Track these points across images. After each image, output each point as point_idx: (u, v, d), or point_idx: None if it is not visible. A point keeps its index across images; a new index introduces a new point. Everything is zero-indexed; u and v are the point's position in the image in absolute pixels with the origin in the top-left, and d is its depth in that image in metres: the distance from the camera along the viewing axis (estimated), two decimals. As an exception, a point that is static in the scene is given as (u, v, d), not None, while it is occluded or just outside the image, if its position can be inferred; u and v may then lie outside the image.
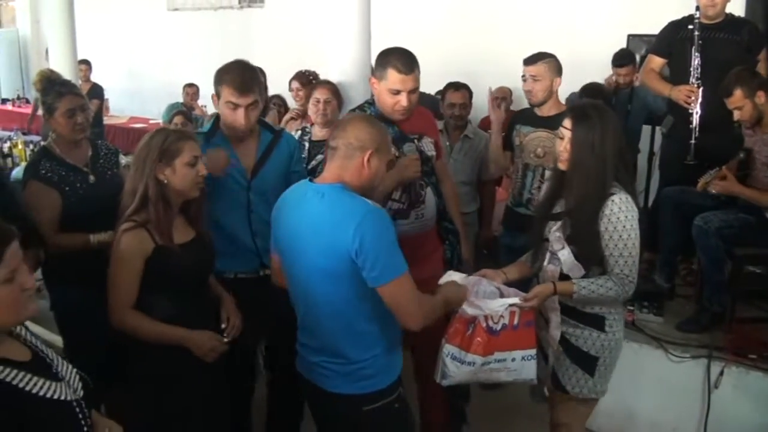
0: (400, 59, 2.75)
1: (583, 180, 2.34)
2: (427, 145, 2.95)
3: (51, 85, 2.91)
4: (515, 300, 2.39)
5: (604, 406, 2.77)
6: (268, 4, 8.81)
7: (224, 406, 2.57)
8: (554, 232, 2.43)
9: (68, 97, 2.86)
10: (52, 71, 3.05)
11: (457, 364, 2.42)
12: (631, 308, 3.55)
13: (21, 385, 1.48)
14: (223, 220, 2.81)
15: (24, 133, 6.58)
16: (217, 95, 2.77)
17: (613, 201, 2.31)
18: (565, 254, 2.40)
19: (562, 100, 4.59)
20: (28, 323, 1.66)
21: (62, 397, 1.56)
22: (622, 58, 5.18)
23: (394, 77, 2.74)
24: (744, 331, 3.32)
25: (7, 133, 6.64)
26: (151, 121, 8.52)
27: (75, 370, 1.65)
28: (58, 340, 3.09)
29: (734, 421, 3.16)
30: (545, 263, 2.49)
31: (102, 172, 2.99)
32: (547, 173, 2.69)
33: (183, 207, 2.44)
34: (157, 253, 2.31)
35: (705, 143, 3.71)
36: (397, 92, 2.75)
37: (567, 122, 2.39)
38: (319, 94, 3.90)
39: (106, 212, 2.83)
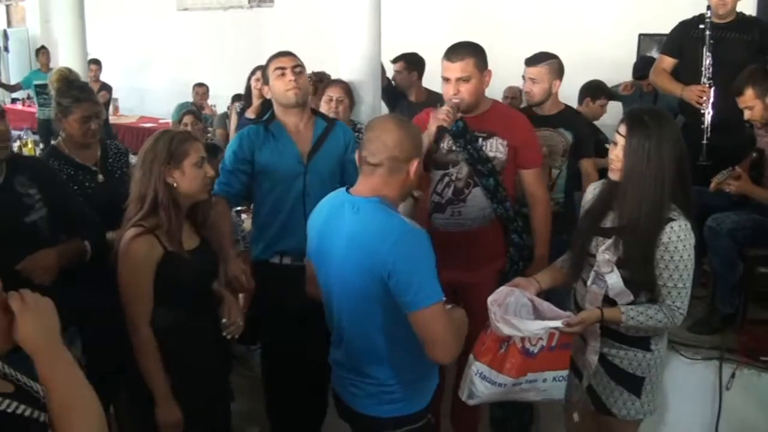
0: (453, 48, 2.81)
1: (637, 193, 2.17)
2: (494, 146, 2.87)
3: (69, 87, 2.91)
4: (557, 324, 2.22)
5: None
6: (277, 3, 8.83)
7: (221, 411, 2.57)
8: (603, 251, 2.27)
9: (85, 105, 2.86)
10: (70, 71, 3.06)
11: (486, 384, 2.28)
12: (642, 309, 3.50)
13: (18, 411, 1.36)
14: (279, 204, 2.91)
15: (34, 132, 6.60)
16: (266, 81, 2.98)
17: (672, 228, 2.17)
18: (614, 278, 2.24)
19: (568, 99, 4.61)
20: None
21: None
22: (643, 70, 5.10)
23: (443, 65, 2.81)
24: (756, 333, 3.27)
25: (17, 132, 6.66)
26: (160, 121, 8.54)
27: None
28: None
29: (746, 423, 3.12)
30: (589, 283, 2.34)
31: (111, 171, 2.99)
32: (594, 186, 2.51)
33: (189, 212, 2.39)
34: (166, 260, 2.26)
35: (717, 144, 3.67)
36: (446, 80, 2.79)
37: (622, 128, 2.24)
38: (332, 93, 3.93)
39: (115, 212, 2.84)
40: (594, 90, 4.96)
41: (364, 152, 2.06)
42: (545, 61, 3.48)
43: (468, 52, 2.78)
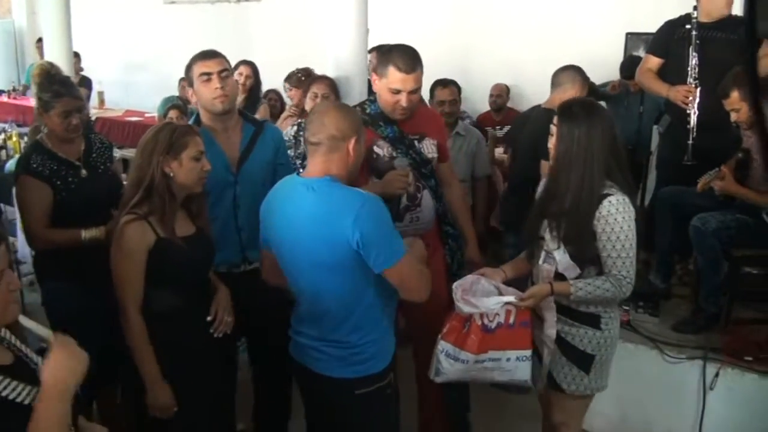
0: (402, 57, 2.68)
1: (570, 176, 2.34)
2: (428, 147, 2.90)
3: (50, 82, 2.86)
4: (511, 298, 2.40)
5: (598, 406, 2.77)
6: (264, -2, 8.77)
7: (222, 402, 2.58)
8: (549, 231, 2.42)
9: (66, 99, 2.82)
10: (52, 65, 3.01)
11: (450, 361, 2.45)
12: (627, 308, 3.52)
13: (4, 394, 1.44)
14: (211, 216, 2.74)
15: (19, 125, 6.52)
16: (190, 83, 2.79)
17: (610, 202, 2.31)
18: (560, 254, 2.40)
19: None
20: (21, 317, 1.63)
21: None
22: (630, 69, 5.09)
23: (394, 76, 2.67)
24: (740, 333, 3.30)
25: (1, 125, 6.59)
26: (146, 115, 8.46)
27: None
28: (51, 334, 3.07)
29: (729, 423, 3.14)
30: (540, 262, 2.48)
31: (95, 166, 2.96)
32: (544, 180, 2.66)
33: (185, 202, 2.44)
34: (158, 246, 2.31)
35: (702, 144, 3.68)
36: (398, 92, 2.69)
37: (555, 119, 2.41)
38: (317, 89, 3.90)
39: (98, 207, 2.81)
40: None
41: (306, 134, 2.22)
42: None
43: (417, 61, 2.70)
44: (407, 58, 2.68)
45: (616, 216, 2.30)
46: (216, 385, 2.52)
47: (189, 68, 2.79)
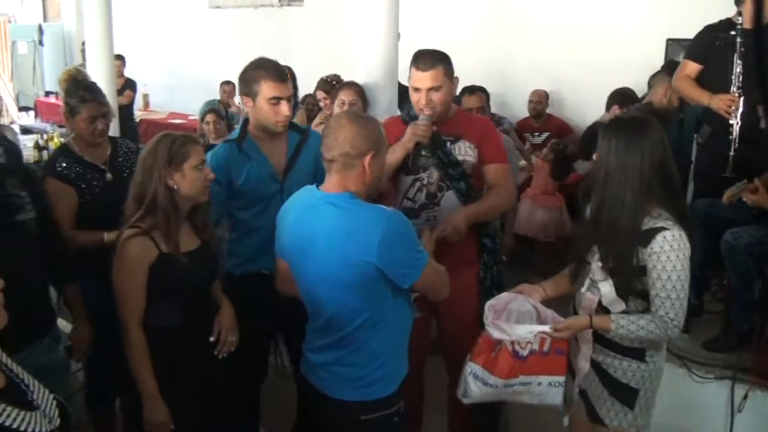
0: (422, 56, 2.74)
1: (612, 198, 2.18)
2: (462, 149, 2.85)
3: (76, 87, 2.95)
4: (545, 328, 2.26)
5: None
6: (307, 2, 8.82)
7: (229, 404, 2.56)
8: (597, 260, 2.27)
9: (92, 105, 2.89)
10: (78, 71, 3.10)
11: (479, 384, 2.36)
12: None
13: None
14: (257, 225, 2.81)
15: (61, 126, 6.68)
16: (251, 96, 2.74)
17: (664, 237, 2.13)
18: (607, 287, 2.24)
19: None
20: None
21: (36, 430, 1.43)
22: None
23: (413, 74, 2.76)
24: (773, 353, 3.18)
25: (43, 125, 6.76)
26: (190, 117, 8.61)
27: (52, 396, 1.56)
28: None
29: (758, 447, 3.03)
30: (584, 289, 2.33)
31: (120, 170, 3.01)
32: None
33: (189, 214, 2.42)
34: (160, 261, 2.28)
35: (744, 155, 3.54)
36: (417, 89, 2.74)
37: (600, 132, 2.28)
38: (345, 96, 3.89)
39: (123, 210, 2.85)
40: (622, 97, 4.86)
41: (322, 149, 2.14)
42: None
43: (436, 60, 2.73)
44: (425, 56, 2.75)
45: (670, 254, 2.13)
46: (220, 401, 2.48)
47: (253, 81, 2.72)
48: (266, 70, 2.72)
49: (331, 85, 4.95)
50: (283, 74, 2.75)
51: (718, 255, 3.35)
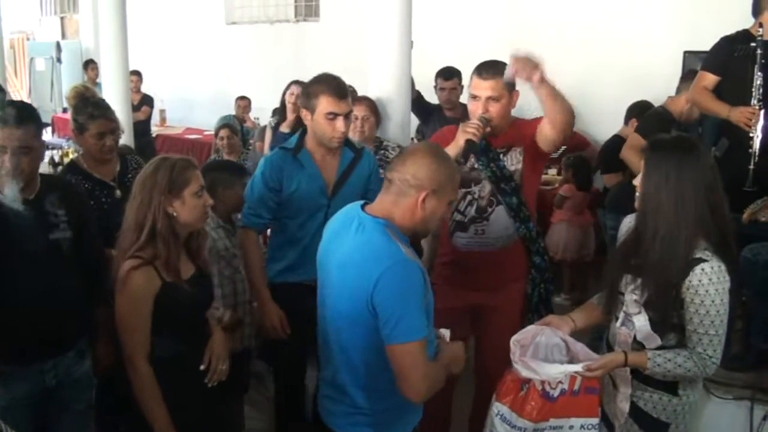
0: (484, 65, 2.77)
1: (659, 223, 2.06)
2: (514, 157, 2.82)
3: (84, 104, 2.96)
4: (577, 368, 2.14)
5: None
6: (323, 17, 8.84)
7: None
8: (631, 291, 2.17)
9: (100, 121, 2.90)
10: (87, 88, 3.11)
11: (506, 427, 2.23)
12: (674, 342, 3.34)
13: None
14: (299, 234, 2.86)
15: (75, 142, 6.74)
16: (310, 109, 2.78)
17: (703, 270, 2.03)
18: (641, 321, 2.14)
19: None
20: None
21: None
22: None
23: (473, 82, 2.78)
24: (793, 373, 3.09)
25: (59, 141, 6.80)
26: (205, 133, 8.65)
27: None
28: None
29: (777, 472, 2.93)
30: (618, 324, 2.23)
31: (129, 187, 2.96)
32: (630, 217, 2.37)
33: (185, 241, 2.35)
34: (164, 291, 2.21)
35: (764, 169, 3.46)
36: (475, 97, 2.75)
37: (644, 153, 2.17)
38: (357, 111, 3.85)
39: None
40: (641, 110, 4.80)
41: (388, 166, 2.10)
42: None
43: (499, 70, 2.72)
44: (489, 65, 2.77)
45: (708, 288, 2.02)
46: (226, 425, 2.49)
47: (313, 95, 2.78)
48: (327, 85, 2.78)
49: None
50: (343, 90, 2.79)
51: (736, 272, 3.27)
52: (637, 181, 2.18)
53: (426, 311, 1.96)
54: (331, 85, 2.78)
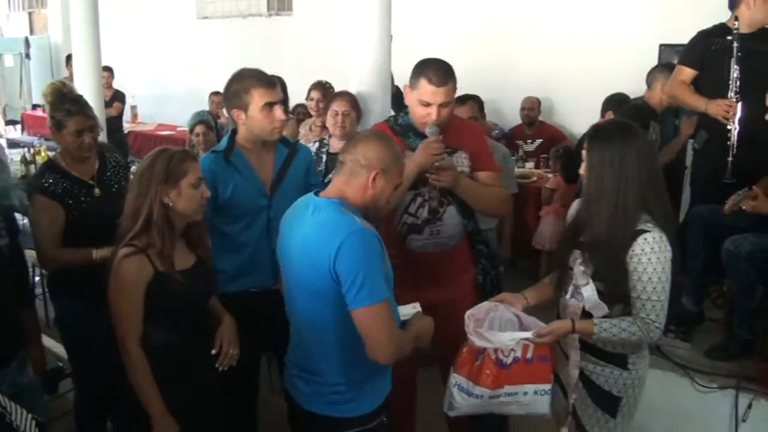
0: (434, 70, 2.65)
1: (602, 205, 2.19)
2: (459, 161, 2.81)
3: (61, 101, 2.87)
4: (528, 335, 2.26)
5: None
6: (296, 11, 8.78)
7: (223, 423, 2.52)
8: (579, 264, 2.28)
9: (78, 118, 2.82)
10: (64, 84, 3.02)
11: (464, 396, 2.34)
12: (657, 333, 3.38)
13: None
14: (243, 240, 2.75)
15: (47, 140, 6.61)
16: (242, 107, 2.68)
17: (645, 239, 2.15)
18: (589, 291, 2.25)
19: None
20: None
21: None
22: None
23: (425, 88, 2.65)
24: (776, 361, 3.14)
25: (30, 139, 6.67)
26: (178, 129, 8.57)
27: (30, 416, 1.53)
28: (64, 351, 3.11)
29: (764, 458, 2.98)
30: (567, 296, 2.34)
31: (108, 185, 2.95)
32: (577, 201, 2.51)
33: (184, 231, 2.38)
34: (156, 280, 2.24)
35: (743, 160, 3.50)
36: (427, 104, 2.66)
37: (585, 143, 2.27)
38: (337, 106, 3.84)
39: (111, 226, 2.79)
40: (617, 103, 4.83)
41: (339, 154, 2.20)
42: None
43: (450, 75, 2.67)
44: (439, 71, 2.65)
45: (651, 256, 2.14)
46: (220, 418, 2.45)
47: (243, 92, 2.67)
48: (254, 78, 2.68)
49: (326, 88, 4.91)
50: (271, 80, 2.71)
51: (718, 261, 3.32)
52: (581, 169, 2.29)
53: (386, 280, 2.06)
54: (257, 77, 2.68)
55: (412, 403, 3.04)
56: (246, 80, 2.67)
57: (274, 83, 2.71)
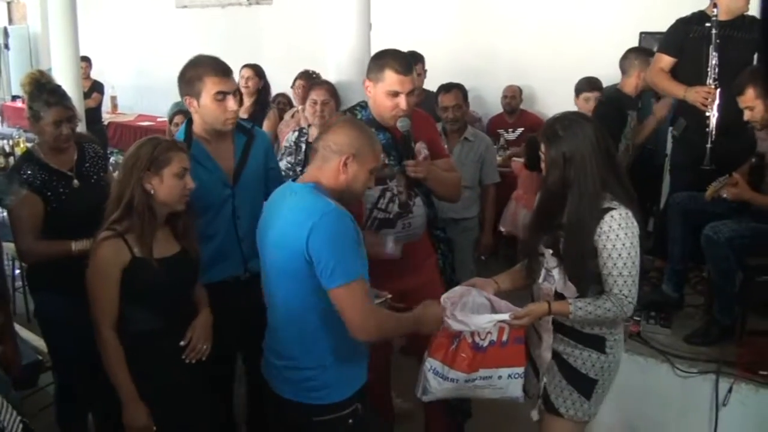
0: (398, 60, 2.67)
1: (567, 194, 2.26)
2: (420, 150, 2.83)
3: (40, 91, 2.83)
4: (504, 317, 2.28)
5: (605, 422, 2.66)
6: (276, 1, 8.71)
7: (204, 412, 2.51)
8: (548, 248, 2.32)
9: (56, 109, 2.79)
10: (42, 74, 2.97)
11: (439, 380, 2.36)
12: (638, 319, 3.41)
13: None
14: (210, 232, 2.69)
15: (26, 131, 6.51)
16: (194, 95, 2.60)
17: (612, 216, 2.21)
18: (559, 273, 2.31)
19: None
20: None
21: None
22: None
23: (392, 78, 2.65)
24: (756, 345, 3.16)
25: (9, 130, 6.58)
26: (158, 119, 8.48)
27: (19, 418, 1.52)
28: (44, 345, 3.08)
29: (743, 441, 3.02)
30: (540, 280, 2.38)
31: (88, 176, 2.92)
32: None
33: (170, 220, 2.38)
34: (133, 265, 2.26)
35: (722, 147, 3.52)
36: (396, 94, 2.66)
37: (541, 145, 2.33)
38: (316, 96, 3.83)
39: (90, 218, 2.76)
40: (592, 85, 4.92)
41: (313, 141, 2.27)
42: None
43: (413, 62, 2.74)
44: (403, 59, 2.69)
45: (618, 232, 2.20)
46: (198, 408, 2.45)
47: (195, 79, 2.58)
48: (208, 65, 2.60)
49: (311, 76, 4.89)
50: (226, 68, 2.63)
51: (697, 248, 3.34)
52: (542, 167, 2.34)
53: (362, 259, 2.10)
54: (212, 65, 2.59)
55: (388, 391, 3.07)
56: (200, 67, 2.60)
57: (229, 72, 2.64)
